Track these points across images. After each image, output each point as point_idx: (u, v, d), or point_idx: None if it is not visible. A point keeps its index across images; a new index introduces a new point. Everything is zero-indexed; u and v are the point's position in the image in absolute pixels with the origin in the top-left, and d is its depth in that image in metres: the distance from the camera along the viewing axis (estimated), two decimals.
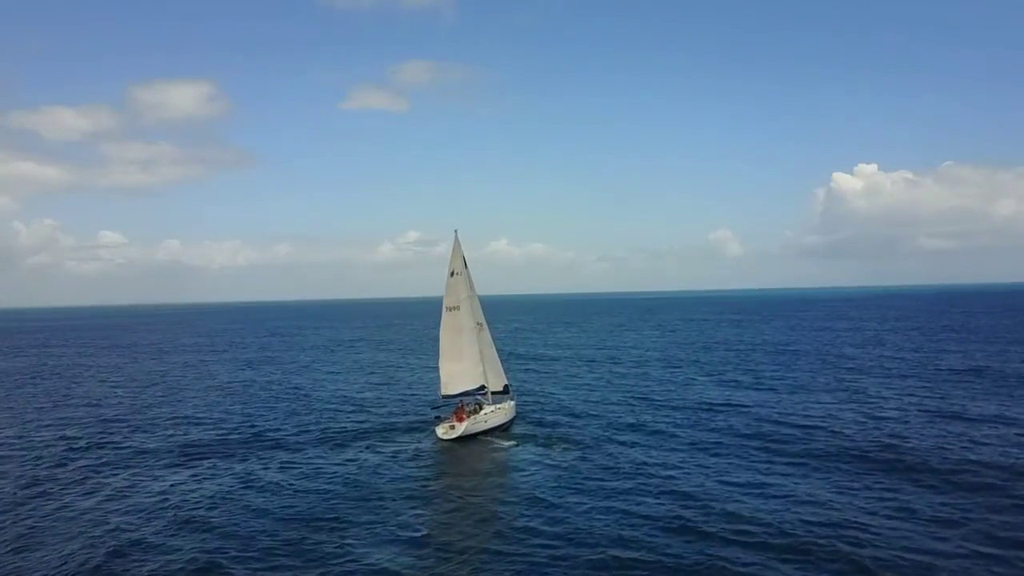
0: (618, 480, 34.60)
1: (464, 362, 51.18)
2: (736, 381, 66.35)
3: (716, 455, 38.94)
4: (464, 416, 45.83)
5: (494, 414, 48.12)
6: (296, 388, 70.49)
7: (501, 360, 53.67)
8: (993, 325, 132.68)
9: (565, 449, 41.45)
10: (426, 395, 60.52)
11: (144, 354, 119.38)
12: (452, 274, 51.16)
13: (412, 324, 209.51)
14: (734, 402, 54.98)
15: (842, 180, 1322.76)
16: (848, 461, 36.69)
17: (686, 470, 35.95)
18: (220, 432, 48.86)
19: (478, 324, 52.28)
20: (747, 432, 44.08)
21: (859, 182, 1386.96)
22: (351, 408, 57.90)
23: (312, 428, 49.66)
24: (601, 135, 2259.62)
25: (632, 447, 41.51)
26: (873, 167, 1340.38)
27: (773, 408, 51.84)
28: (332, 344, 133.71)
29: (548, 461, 38.92)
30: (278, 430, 49.18)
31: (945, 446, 38.67)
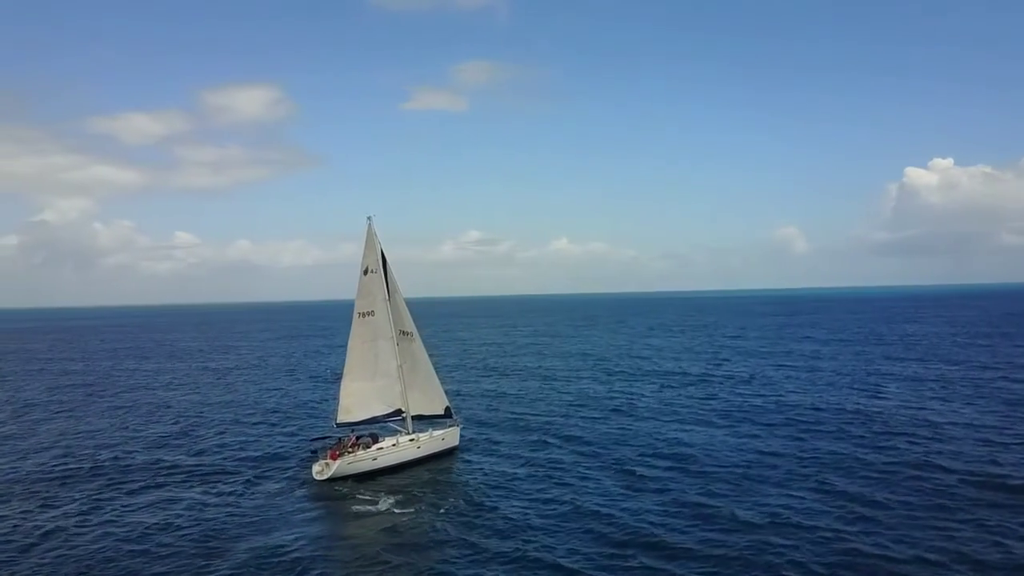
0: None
1: (377, 380, 41.35)
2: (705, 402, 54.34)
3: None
4: (339, 453, 35.98)
5: (396, 449, 38.06)
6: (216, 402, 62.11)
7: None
8: None
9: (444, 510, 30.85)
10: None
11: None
12: (365, 272, 41.54)
13: (440, 322, 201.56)
14: (684, 443, 43.30)
15: (915, 175, 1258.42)
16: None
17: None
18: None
19: (404, 333, 42.41)
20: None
21: (933, 177, 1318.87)
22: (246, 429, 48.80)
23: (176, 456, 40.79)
24: (660, 131, 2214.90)
25: (591, 514, 30.82)
26: (948, 161, 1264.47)
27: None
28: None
29: (426, 530, 28.62)
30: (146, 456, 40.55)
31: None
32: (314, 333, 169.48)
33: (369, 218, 41.22)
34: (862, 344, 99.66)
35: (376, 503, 31.72)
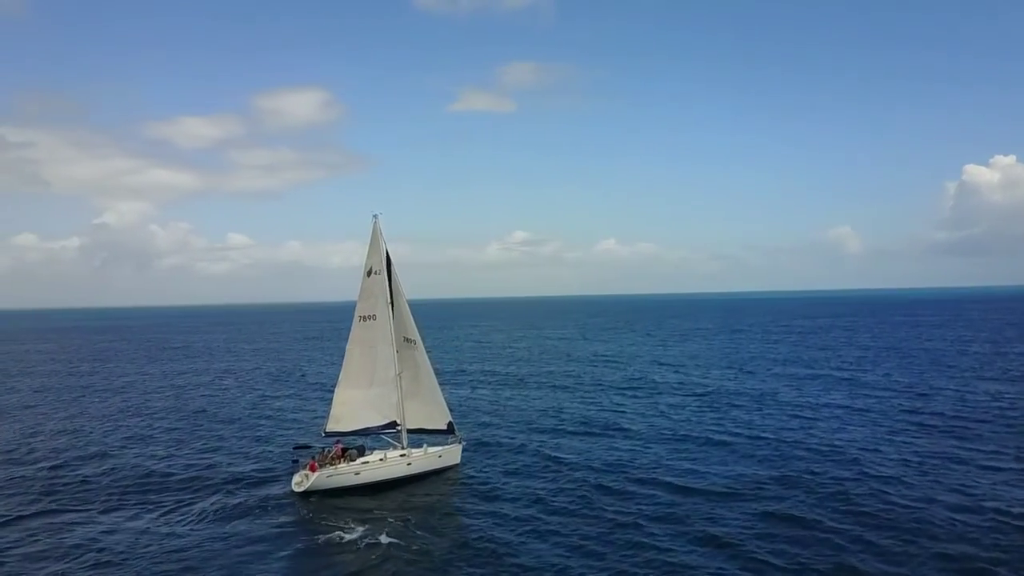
0: None
1: (374, 389, 38.81)
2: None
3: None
4: (322, 463, 33.52)
5: (383, 464, 35.22)
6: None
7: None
8: None
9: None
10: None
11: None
12: (369, 273, 39.07)
13: (469, 323, 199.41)
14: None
15: (975, 173, 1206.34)
16: None
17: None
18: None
19: (406, 340, 39.79)
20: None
21: (995, 174, 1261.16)
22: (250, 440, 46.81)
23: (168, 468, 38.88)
24: (710, 131, 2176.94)
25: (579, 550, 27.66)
26: (1011, 159, 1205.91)
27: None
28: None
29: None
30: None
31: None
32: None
33: (375, 216, 38.73)
34: (900, 354, 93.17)
35: (349, 528, 28.48)
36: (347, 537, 27.43)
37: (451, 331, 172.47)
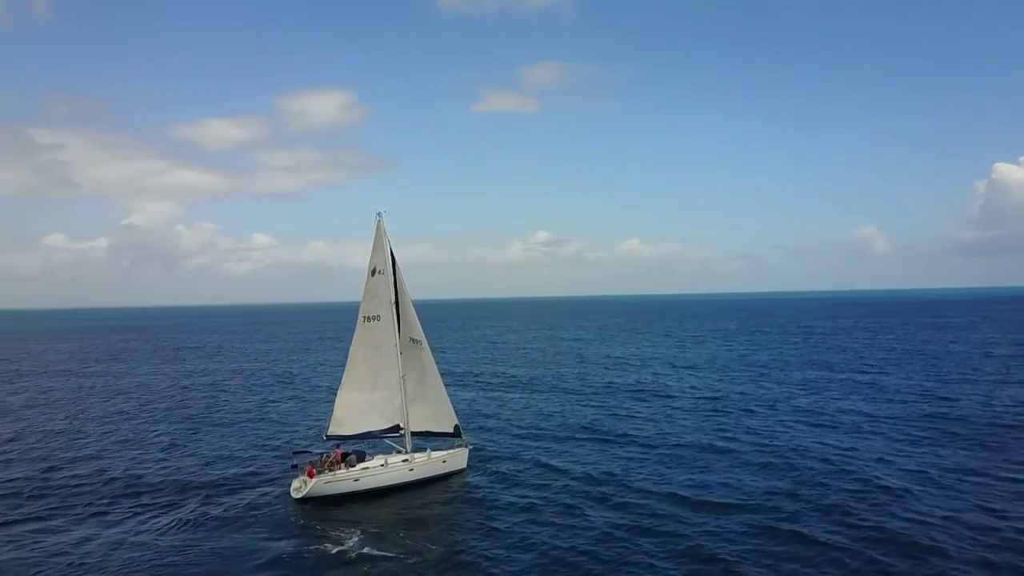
0: None
1: (377, 391, 38.08)
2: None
3: None
4: (319, 469, 32.85)
5: (384, 470, 34.48)
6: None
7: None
8: None
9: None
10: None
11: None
12: (373, 272, 38.31)
13: (485, 324, 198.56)
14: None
15: (1006, 171, 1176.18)
16: None
17: None
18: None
19: (412, 341, 39.05)
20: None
21: None
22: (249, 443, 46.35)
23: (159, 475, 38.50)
24: (732, 128, 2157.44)
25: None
26: None
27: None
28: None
29: None
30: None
31: None
32: None
33: (379, 214, 37.99)
34: (923, 356, 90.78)
35: (341, 537, 27.72)
36: (336, 548, 26.70)
37: (467, 332, 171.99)
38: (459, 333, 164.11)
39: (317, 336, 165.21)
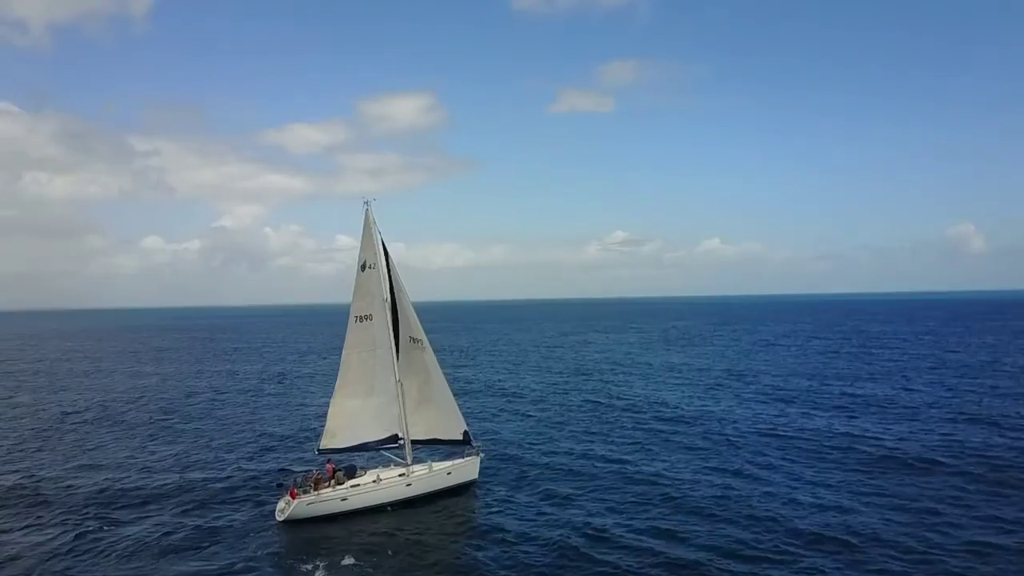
0: None
1: (374, 398, 34.62)
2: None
3: None
4: (303, 488, 29.50)
5: (375, 487, 31.01)
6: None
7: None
8: None
9: None
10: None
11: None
12: (363, 268, 35.06)
13: (547, 326, 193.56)
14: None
15: None
16: None
17: None
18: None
19: (413, 340, 35.52)
20: None
21: None
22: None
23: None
24: (816, 125, 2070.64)
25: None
26: None
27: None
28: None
29: None
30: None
31: None
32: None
33: (366, 203, 34.66)
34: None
35: (322, 565, 24.60)
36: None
37: (527, 333, 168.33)
38: (523, 334, 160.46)
39: None
